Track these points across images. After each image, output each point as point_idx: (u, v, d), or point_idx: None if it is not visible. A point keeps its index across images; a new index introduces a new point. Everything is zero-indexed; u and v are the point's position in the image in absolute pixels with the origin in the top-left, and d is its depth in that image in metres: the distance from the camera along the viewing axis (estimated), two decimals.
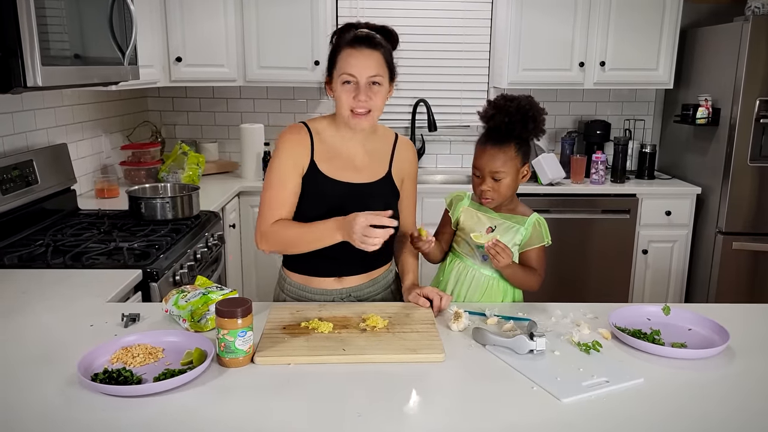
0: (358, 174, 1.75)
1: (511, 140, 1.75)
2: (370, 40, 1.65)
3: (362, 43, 1.63)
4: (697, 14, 3.86)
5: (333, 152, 1.75)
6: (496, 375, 1.32)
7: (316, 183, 1.71)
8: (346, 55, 1.63)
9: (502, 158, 1.74)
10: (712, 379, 1.31)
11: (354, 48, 1.63)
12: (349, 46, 1.64)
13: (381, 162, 1.79)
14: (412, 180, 1.86)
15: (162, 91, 3.91)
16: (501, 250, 1.67)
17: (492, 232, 1.79)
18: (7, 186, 2.24)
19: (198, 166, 3.40)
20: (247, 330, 1.31)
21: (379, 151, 1.80)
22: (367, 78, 1.63)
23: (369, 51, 1.63)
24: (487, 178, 1.75)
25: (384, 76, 1.66)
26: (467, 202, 1.88)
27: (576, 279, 3.64)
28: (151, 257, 2.06)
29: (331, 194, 1.71)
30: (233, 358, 1.30)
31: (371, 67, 1.63)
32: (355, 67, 1.62)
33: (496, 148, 1.74)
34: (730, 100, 3.34)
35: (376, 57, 1.64)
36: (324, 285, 1.78)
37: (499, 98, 1.78)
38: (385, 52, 1.67)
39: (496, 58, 3.86)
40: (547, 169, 3.51)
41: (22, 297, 1.71)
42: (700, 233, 3.65)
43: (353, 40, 1.64)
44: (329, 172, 1.73)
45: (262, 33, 3.49)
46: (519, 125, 1.73)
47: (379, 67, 1.64)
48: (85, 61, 2.12)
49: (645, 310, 1.64)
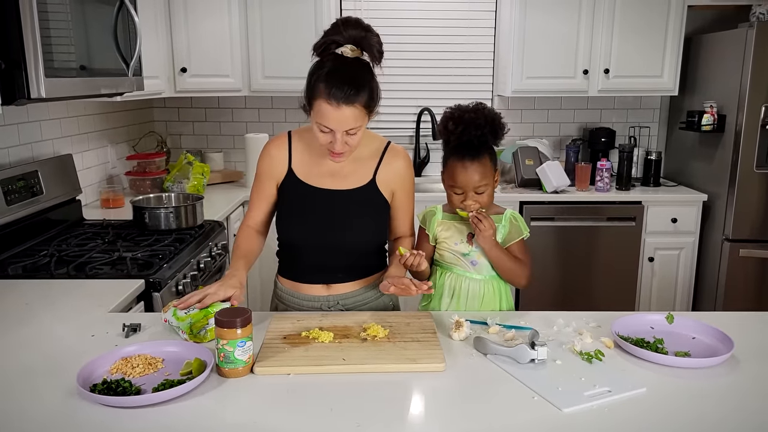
0: (339, 181, 1.74)
1: (484, 151, 1.74)
2: (348, 97, 1.53)
3: (340, 98, 1.52)
4: (702, 21, 3.85)
5: (314, 160, 1.75)
6: (496, 384, 1.31)
7: (294, 189, 1.74)
8: (323, 106, 1.54)
9: (482, 171, 1.73)
10: (716, 389, 1.30)
11: (330, 105, 1.53)
12: (326, 99, 1.53)
13: (366, 169, 1.76)
14: (404, 191, 1.81)
15: (168, 102, 3.93)
16: (483, 218, 1.69)
17: (473, 237, 1.78)
18: (12, 197, 2.26)
19: (203, 175, 3.41)
20: (246, 340, 1.31)
21: (365, 159, 1.76)
22: (343, 131, 1.58)
23: (346, 107, 1.53)
24: (470, 193, 1.74)
25: (362, 122, 1.60)
26: (440, 215, 1.87)
27: (581, 287, 3.62)
28: (154, 267, 2.06)
29: (308, 200, 1.73)
30: (233, 368, 1.30)
31: (348, 122, 1.56)
32: (331, 122, 1.55)
33: (475, 163, 1.72)
34: (736, 106, 3.32)
35: (354, 112, 1.55)
36: (313, 291, 1.79)
37: (458, 112, 1.74)
38: (365, 98, 1.56)
39: (500, 67, 3.86)
40: (551, 176, 3.50)
41: (24, 307, 1.71)
42: (706, 241, 3.63)
43: (331, 92, 1.52)
44: (307, 178, 1.74)
45: (266, 43, 3.51)
46: (491, 135, 1.72)
47: (357, 120, 1.57)
48: (89, 73, 2.14)
49: (648, 318, 1.62)
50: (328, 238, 1.73)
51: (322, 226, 1.73)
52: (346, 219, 1.74)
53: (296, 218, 1.75)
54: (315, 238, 1.73)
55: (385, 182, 1.77)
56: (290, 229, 1.77)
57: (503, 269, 1.79)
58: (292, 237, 1.78)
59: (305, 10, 3.49)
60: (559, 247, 3.56)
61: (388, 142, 1.81)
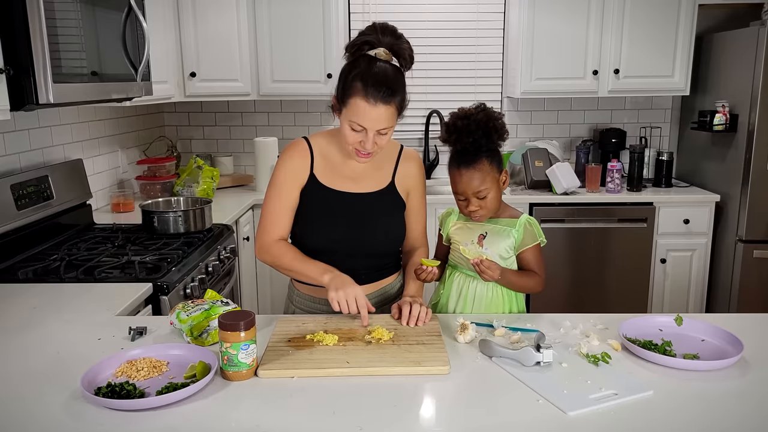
0: (359, 184, 1.76)
1: (481, 156, 1.71)
2: (386, 96, 1.55)
3: (378, 97, 1.55)
4: (713, 19, 3.81)
5: (334, 165, 1.76)
6: (501, 387, 1.30)
7: (317, 193, 1.73)
8: (359, 104, 1.56)
9: (480, 176, 1.71)
10: (724, 392, 1.28)
11: (368, 102, 1.55)
12: (363, 96, 1.55)
13: (384, 172, 1.79)
14: (418, 193, 1.84)
15: (178, 106, 3.96)
16: (486, 267, 1.65)
17: (484, 238, 1.77)
18: (23, 201, 2.28)
19: (212, 179, 3.43)
20: (250, 343, 1.31)
21: (382, 163, 1.79)
22: (376, 130, 1.60)
23: (383, 106, 1.56)
24: (472, 199, 1.73)
25: (393, 123, 1.62)
26: (455, 217, 1.87)
27: (593, 290, 3.59)
28: (162, 271, 2.07)
29: (334, 204, 1.73)
30: (236, 371, 1.30)
31: (382, 121, 1.58)
32: (366, 120, 1.57)
33: (471, 169, 1.71)
34: (748, 105, 3.28)
35: (388, 111, 1.58)
36: None
37: (453, 119, 1.73)
38: (399, 99, 1.60)
39: (509, 68, 3.85)
40: (561, 178, 3.48)
41: (32, 311, 1.73)
42: (719, 241, 3.59)
43: (368, 90, 1.54)
44: (329, 182, 1.74)
45: (275, 47, 3.53)
46: (484, 140, 1.70)
47: (390, 120, 1.59)
48: (97, 78, 2.16)
49: (657, 320, 1.60)
50: (356, 240, 1.74)
51: (350, 228, 1.74)
52: (371, 221, 1.75)
53: (324, 221, 1.74)
54: (343, 241, 1.73)
55: (402, 185, 1.80)
56: (318, 233, 1.75)
57: (514, 289, 1.80)
58: (320, 241, 1.75)
59: (313, 14, 3.50)
60: (569, 250, 3.53)
61: (401, 146, 1.84)
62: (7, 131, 2.36)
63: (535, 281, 1.78)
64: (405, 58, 1.64)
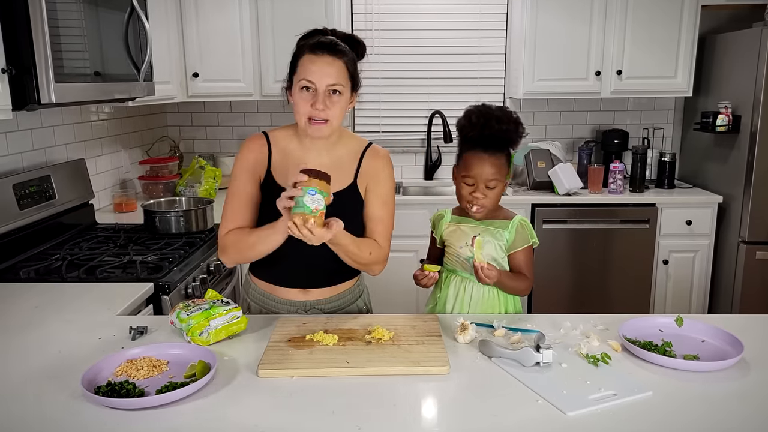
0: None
1: (504, 149, 1.74)
2: (332, 46, 1.58)
3: (324, 49, 1.57)
4: (716, 20, 3.81)
5: (292, 162, 1.67)
6: (500, 388, 1.30)
7: (271, 193, 1.62)
8: (307, 60, 1.58)
9: (497, 166, 1.73)
10: (724, 393, 1.28)
11: (315, 54, 1.57)
12: (310, 51, 1.58)
13: (345, 172, 1.70)
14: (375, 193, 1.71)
15: (181, 107, 3.96)
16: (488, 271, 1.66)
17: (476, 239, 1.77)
18: (26, 201, 2.29)
19: (215, 179, 3.44)
20: (317, 191, 1.41)
21: (344, 161, 1.71)
22: (326, 86, 1.56)
23: (330, 58, 1.57)
24: (481, 185, 1.74)
25: (345, 85, 1.60)
26: (448, 218, 1.87)
27: (595, 291, 3.58)
28: (164, 270, 2.08)
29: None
30: (299, 212, 1.40)
31: (331, 74, 1.57)
32: (314, 73, 1.56)
33: (493, 156, 1.72)
34: (751, 106, 3.27)
35: (337, 65, 1.58)
36: (289, 296, 1.74)
37: (484, 108, 1.76)
38: (348, 61, 1.61)
39: (512, 69, 3.85)
40: (563, 179, 3.47)
41: (34, 310, 1.73)
42: (722, 243, 3.57)
43: (315, 45, 1.58)
44: (285, 181, 1.62)
45: (277, 47, 3.52)
46: (514, 133, 1.73)
47: (340, 76, 1.58)
48: (99, 78, 2.16)
49: (657, 321, 1.60)
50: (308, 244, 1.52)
51: None
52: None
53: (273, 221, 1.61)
54: (299, 244, 1.52)
55: (363, 184, 1.72)
56: None
57: (507, 291, 1.81)
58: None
59: (316, 15, 3.49)
60: (571, 251, 3.52)
61: (369, 143, 1.77)
62: (9, 131, 2.36)
63: (525, 284, 1.79)
64: (357, 50, 1.67)
